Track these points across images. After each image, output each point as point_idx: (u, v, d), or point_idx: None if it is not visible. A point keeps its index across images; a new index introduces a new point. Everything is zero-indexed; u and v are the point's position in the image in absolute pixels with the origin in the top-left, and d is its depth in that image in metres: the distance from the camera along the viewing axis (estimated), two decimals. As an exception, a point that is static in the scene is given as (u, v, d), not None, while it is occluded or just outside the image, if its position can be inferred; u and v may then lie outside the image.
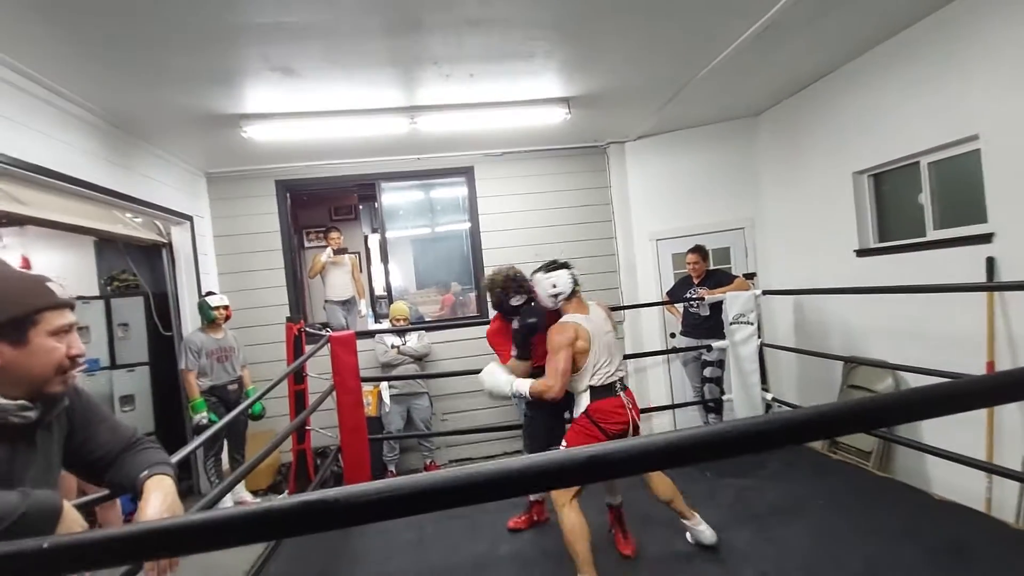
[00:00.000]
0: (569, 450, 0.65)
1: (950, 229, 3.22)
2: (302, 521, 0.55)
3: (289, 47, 2.75)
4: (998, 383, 0.94)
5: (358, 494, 0.54)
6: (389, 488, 0.55)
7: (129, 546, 0.56)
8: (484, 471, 0.58)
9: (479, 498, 0.61)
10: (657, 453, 0.68)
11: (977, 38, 2.85)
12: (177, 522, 0.56)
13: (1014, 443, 2.79)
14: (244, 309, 4.72)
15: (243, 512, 0.55)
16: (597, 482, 0.66)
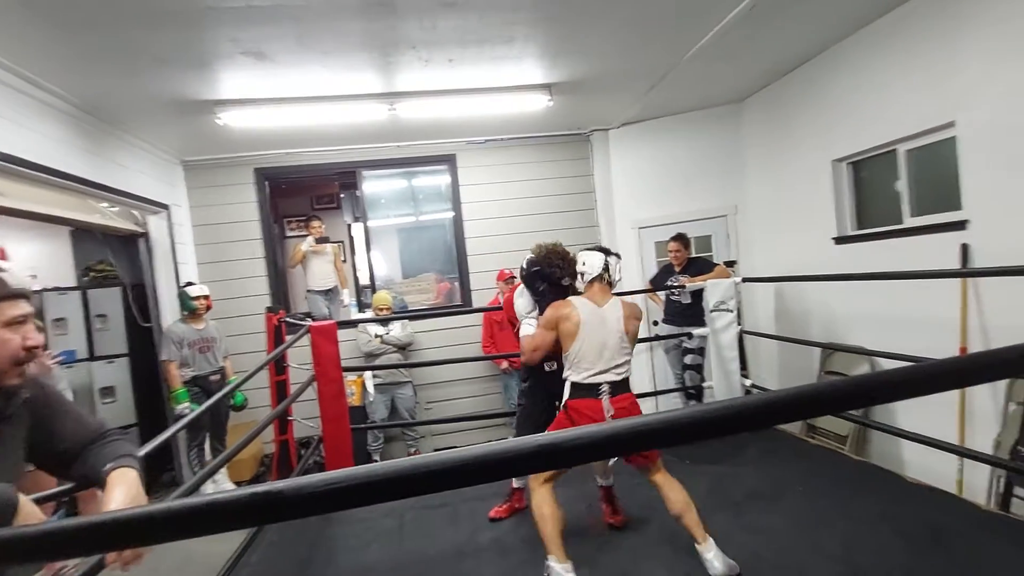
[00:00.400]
0: (519, 439, 0.64)
1: (926, 216, 3.26)
2: (248, 513, 0.54)
3: (260, 30, 2.68)
4: (961, 366, 0.96)
5: (305, 485, 0.53)
6: (336, 479, 0.54)
7: (66, 540, 0.54)
8: (433, 460, 0.57)
9: (430, 488, 0.60)
10: (611, 440, 0.67)
11: (959, 25, 2.86)
12: (118, 515, 0.55)
13: (985, 426, 2.86)
14: (224, 299, 4.66)
15: (187, 504, 0.54)
16: (552, 470, 0.65)
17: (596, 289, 2.35)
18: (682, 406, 4.20)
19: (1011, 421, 2.70)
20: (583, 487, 2.83)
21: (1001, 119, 2.71)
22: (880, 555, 2.13)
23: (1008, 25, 2.65)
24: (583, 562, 2.23)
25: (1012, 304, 2.72)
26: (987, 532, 2.20)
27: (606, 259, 2.35)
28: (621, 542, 2.47)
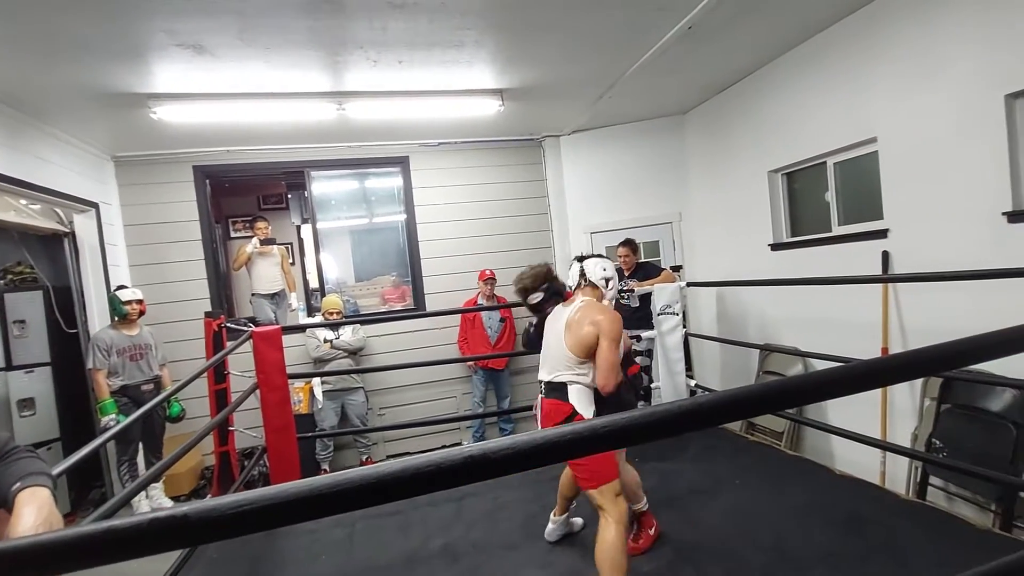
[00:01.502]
0: (445, 451, 0.64)
1: (852, 225, 3.49)
2: (149, 541, 0.51)
3: (198, 22, 2.57)
4: (883, 366, 1.04)
5: (213, 508, 0.51)
6: (246, 500, 0.53)
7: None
8: (353, 477, 0.57)
9: (352, 505, 0.59)
10: (559, 446, 0.69)
11: (877, 47, 3.08)
12: (4, 545, 0.51)
13: (904, 421, 3.08)
14: (160, 303, 4.43)
15: (79, 533, 0.51)
16: (481, 480, 0.65)
17: (577, 293, 2.35)
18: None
19: (926, 416, 2.92)
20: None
21: (912, 136, 2.94)
22: (807, 543, 2.26)
23: (911, 55, 2.89)
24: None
25: (926, 307, 2.95)
26: (904, 519, 2.37)
27: (580, 265, 2.36)
28: (574, 541, 2.51)
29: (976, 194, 2.65)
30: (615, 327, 2.10)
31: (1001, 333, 0.93)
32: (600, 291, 2.34)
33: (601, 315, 2.13)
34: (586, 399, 2.17)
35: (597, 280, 2.33)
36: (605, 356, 2.07)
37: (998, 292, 2.49)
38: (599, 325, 2.09)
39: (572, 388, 2.16)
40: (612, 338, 2.08)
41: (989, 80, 2.55)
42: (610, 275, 2.37)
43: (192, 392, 4.05)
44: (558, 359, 2.19)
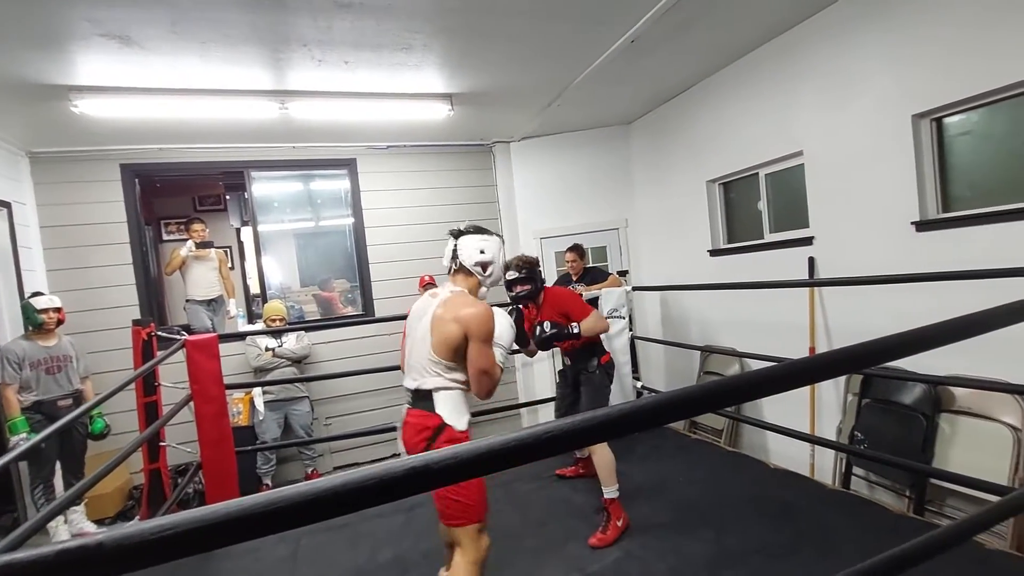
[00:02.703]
0: (386, 464, 0.63)
1: (782, 232, 3.71)
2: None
3: (125, 12, 2.41)
4: (812, 365, 1.11)
5: (130, 536, 0.48)
6: (172, 524, 0.50)
7: None
8: (289, 494, 0.55)
9: (288, 524, 0.58)
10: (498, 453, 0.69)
11: (802, 66, 3.30)
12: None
13: (830, 416, 3.30)
14: (83, 311, 4.12)
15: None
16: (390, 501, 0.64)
17: (447, 281, 1.96)
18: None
19: (849, 410, 3.14)
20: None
21: (833, 151, 3.17)
22: (745, 534, 2.37)
23: (831, 76, 3.13)
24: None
25: (847, 309, 3.18)
26: (830, 507, 2.54)
27: (454, 243, 1.92)
28: (522, 542, 2.52)
29: (888, 205, 2.88)
30: (485, 324, 1.75)
31: (913, 333, 1.02)
32: (476, 279, 1.91)
33: (468, 309, 1.75)
34: (458, 406, 1.83)
35: (471, 265, 1.88)
36: (474, 360, 1.75)
37: (909, 294, 2.72)
38: (464, 322, 1.74)
39: (440, 396, 1.81)
40: (482, 338, 1.75)
41: (898, 101, 2.78)
42: (489, 258, 1.89)
43: (119, 406, 3.79)
44: (422, 362, 1.82)
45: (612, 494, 2.54)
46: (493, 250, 1.91)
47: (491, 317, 1.77)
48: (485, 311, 1.76)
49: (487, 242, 1.90)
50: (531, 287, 2.78)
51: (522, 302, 2.84)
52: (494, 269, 1.92)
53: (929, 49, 2.62)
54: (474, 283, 1.91)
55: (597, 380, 2.87)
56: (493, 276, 1.93)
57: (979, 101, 2.54)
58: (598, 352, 2.89)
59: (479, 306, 1.77)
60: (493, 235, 1.94)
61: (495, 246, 1.92)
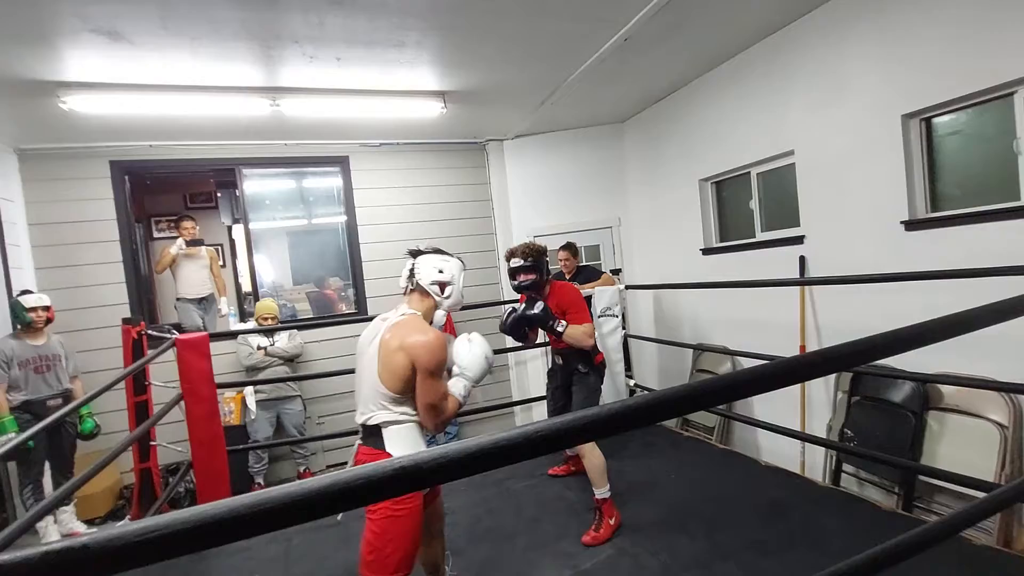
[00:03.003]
0: (375, 464, 0.63)
1: (774, 231, 3.73)
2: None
3: (114, 7, 2.39)
4: (804, 363, 1.12)
5: (116, 537, 0.48)
6: (158, 526, 0.50)
7: None
8: (277, 495, 0.55)
9: (276, 525, 0.57)
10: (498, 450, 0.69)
11: (793, 66, 3.32)
12: None
13: (820, 414, 3.33)
14: (73, 310, 4.08)
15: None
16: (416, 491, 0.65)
17: (402, 302, 1.85)
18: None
19: (839, 408, 3.16)
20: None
21: (824, 150, 3.19)
22: (736, 531, 2.39)
23: (822, 76, 3.14)
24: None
25: (837, 307, 3.21)
26: (821, 504, 2.56)
27: (411, 261, 1.84)
28: (516, 540, 2.52)
29: (878, 204, 2.90)
30: (434, 355, 1.60)
31: (901, 331, 1.03)
32: (432, 299, 1.81)
33: (416, 337, 1.62)
34: (410, 442, 1.69)
35: (428, 284, 1.79)
36: (420, 394, 1.64)
37: (898, 293, 2.74)
38: (412, 352, 1.61)
39: (389, 431, 1.69)
40: (430, 370, 1.61)
41: (888, 101, 2.80)
42: (448, 278, 1.80)
43: (110, 405, 3.76)
44: (369, 393, 1.70)
45: (604, 494, 2.54)
46: (452, 271, 1.83)
47: (441, 347, 1.63)
48: (434, 340, 1.62)
49: (447, 262, 1.83)
50: (535, 277, 2.66)
51: (524, 292, 2.73)
52: (452, 291, 1.82)
53: (918, 50, 2.64)
54: (430, 305, 1.81)
55: (591, 382, 2.83)
56: (452, 298, 1.83)
57: (967, 101, 2.56)
58: (592, 352, 2.84)
59: (429, 334, 1.64)
60: (454, 257, 1.88)
61: (455, 268, 1.84)
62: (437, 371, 1.64)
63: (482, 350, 1.84)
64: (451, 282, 1.82)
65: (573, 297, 2.77)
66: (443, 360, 1.65)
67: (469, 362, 1.80)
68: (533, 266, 2.66)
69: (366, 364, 1.73)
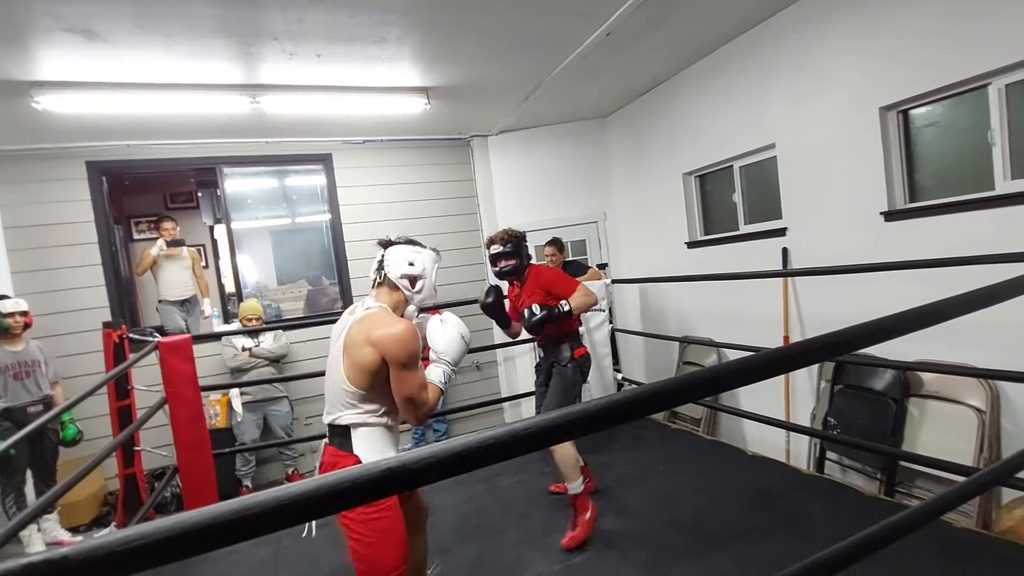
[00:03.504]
0: (361, 465, 0.63)
1: (757, 224, 3.77)
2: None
3: (88, 6, 2.34)
4: (789, 353, 1.14)
5: (97, 548, 0.47)
6: (140, 535, 0.49)
7: None
8: (263, 500, 0.55)
9: (263, 530, 0.57)
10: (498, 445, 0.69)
11: (773, 60, 3.35)
12: None
13: (804, 403, 3.38)
14: (51, 314, 4.00)
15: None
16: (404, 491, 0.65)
17: (370, 295, 1.76)
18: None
19: (822, 396, 3.22)
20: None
21: (804, 143, 3.23)
22: (723, 520, 2.42)
23: (802, 69, 3.18)
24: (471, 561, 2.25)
25: (819, 297, 3.26)
26: (805, 491, 2.60)
27: (381, 254, 1.76)
28: (505, 535, 2.53)
29: (858, 196, 2.95)
30: (405, 346, 1.53)
31: (881, 321, 1.05)
32: (402, 294, 1.72)
33: (384, 330, 1.55)
34: (379, 446, 1.63)
35: (397, 277, 1.70)
36: (397, 389, 1.58)
37: (878, 282, 2.79)
38: (381, 345, 1.53)
39: (358, 433, 1.63)
40: (402, 362, 1.54)
41: (866, 94, 2.85)
42: (419, 271, 1.71)
43: (92, 411, 3.69)
44: (336, 391, 1.63)
45: (576, 489, 2.46)
46: (424, 263, 1.73)
47: (413, 337, 1.56)
48: (404, 331, 1.55)
49: (419, 254, 1.73)
50: (515, 262, 2.66)
51: (506, 278, 2.73)
52: (424, 285, 1.73)
53: (895, 43, 2.68)
54: (399, 299, 1.71)
55: (568, 375, 2.73)
56: (423, 293, 1.74)
57: (943, 94, 2.61)
58: (572, 344, 2.75)
59: (398, 325, 1.56)
60: (427, 249, 1.78)
61: (428, 260, 1.74)
62: (411, 363, 1.56)
63: (457, 330, 1.74)
64: (422, 276, 1.72)
65: (556, 273, 2.76)
66: (416, 351, 1.57)
67: (445, 345, 1.71)
68: (513, 251, 2.66)
69: (332, 361, 1.68)
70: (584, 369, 2.78)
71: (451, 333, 1.72)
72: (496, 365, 5.29)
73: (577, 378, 2.75)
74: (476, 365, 5.19)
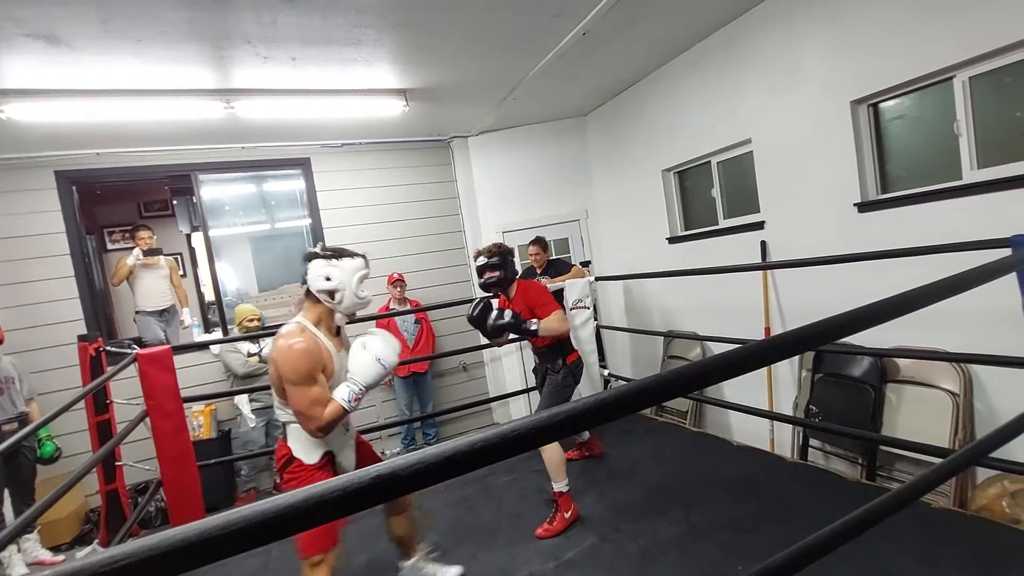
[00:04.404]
0: (351, 474, 0.63)
1: (735, 218, 3.83)
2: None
3: (50, 9, 2.27)
4: (772, 345, 1.16)
5: (79, 571, 0.46)
6: (124, 555, 0.48)
7: None
8: (248, 513, 0.54)
9: (251, 544, 0.57)
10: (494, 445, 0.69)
11: (747, 55, 3.40)
12: None
13: (787, 392, 3.44)
14: (23, 329, 3.89)
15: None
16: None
17: (303, 306, 1.88)
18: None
19: (804, 385, 3.28)
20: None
21: (779, 138, 3.29)
22: (711, 511, 2.46)
23: (775, 64, 3.23)
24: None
25: (797, 289, 3.32)
26: (790, 479, 2.66)
27: (305, 267, 1.85)
28: (498, 535, 2.53)
29: (832, 188, 3.01)
30: (291, 364, 1.66)
31: (859, 311, 1.08)
32: (323, 307, 1.82)
33: (278, 348, 1.70)
34: (308, 441, 1.81)
35: (316, 291, 1.80)
36: (289, 401, 1.72)
37: (854, 272, 2.85)
38: (275, 361, 1.70)
39: (291, 429, 1.84)
40: (290, 379, 1.67)
41: (837, 88, 2.91)
42: (335, 285, 1.79)
43: (70, 427, 3.61)
44: (275, 393, 1.83)
45: (562, 488, 2.55)
46: (341, 276, 1.79)
47: (300, 355, 1.66)
48: (292, 349, 1.67)
49: (334, 268, 1.79)
50: (499, 274, 2.74)
51: (490, 290, 2.81)
52: (343, 296, 1.80)
53: (864, 37, 2.74)
54: (322, 311, 1.82)
55: (559, 380, 2.83)
56: (345, 303, 1.81)
57: (910, 87, 2.68)
58: (565, 351, 2.86)
59: (290, 344, 1.68)
60: (349, 258, 1.82)
61: (345, 272, 1.80)
62: (299, 379, 1.67)
63: (372, 355, 1.79)
64: (339, 288, 1.80)
65: (539, 292, 2.82)
66: (305, 368, 1.67)
67: (357, 367, 1.78)
68: (498, 264, 2.74)
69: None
70: (576, 374, 2.87)
71: (366, 357, 1.79)
72: (483, 366, 5.29)
73: (569, 383, 2.84)
74: (463, 366, 5.19)
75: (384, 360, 1.80)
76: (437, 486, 2.95)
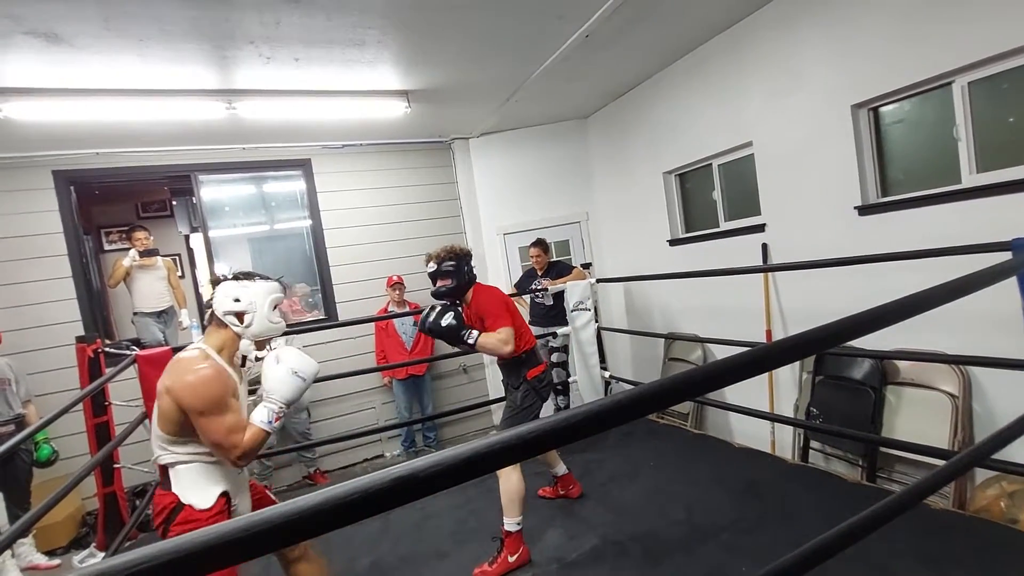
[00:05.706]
0: (371, 476, 0.63)
1: (736, 221, 3.84)
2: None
3: (51, 7, 2.26)
4: (776, 348, 1.16)
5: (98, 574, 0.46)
6: (145, 558, 0.48)
7: None
8: (270, 516, 0.54)
9: (270, 548, 0.56)
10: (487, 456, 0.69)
11: (749, 59, 3.41)
12: None
13: (788, 394, 3.45)
14: (20, 330, 3.87)
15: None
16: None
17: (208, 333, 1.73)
18: (551, 402, 4.44)
19: (804, 387, 3.29)
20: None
21: (780, 141, 3.30)
22: (714, 512, 2.46)
23: (776, 68, 3.24)
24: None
25: (798, 291, 3.33)
26: (792, 481, 2.66)
27: (212, 291, 1.73)
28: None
29: (833, 191, 3.03)
30: (198, 394, 1.51)
31: (865, 314, 1.08)
32: (231, 331, 1.68)
33: (177, 378, 1.53)
34: (200, 480, 1.60)
35: (222, 314, 1.67)
36: (203, 436, 1.54)
37: (854, 275, 2.87)
38: (175, 394, 1.52)
39: (176, 471, 1.60)
40: (199, 410, 1.51)
41: (838, 92, 2.92)
42: (244, 307, 1.67)
43: (68, 429, 3.58)
44: (153, 434, 1.61)
45: (512, 527, 2.23)
46: (251, 298, 1.68)
47: (207, 382, 1.52)
48: (197, 378, 1.52)
49: (245, 289, 1.68)
50: (452, 282, 2.38)
51: (443, 299, 2.44)
52: (253, 319, 1.68)
53: (864, 42, 2.76)
54: (227, 336, 1.68)
55: (518, 398, 2.51)
56: (254, 327, 1.68)
57: (910, 91, 2.69)
58: (528, 363, 2.51)
59: (193, 372, 1.53)
60: (261, 281, 1.72)
61: (257, 293, 1.69)
62: (210, 408, 1.52)
63: (288, 367, 1.66)
64: (248, 310, 1.67)
65: (493, 302, 2.46)
66: (214, 396, 1.52)
67: (273, 384, 1.64)
68: (451, 271, 2.39)
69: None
70: (541, 390, 2.54)
71: (280, 372, 1.65)
72: (483, 368, 5.28)
73: (530, 401, 2.50)
74: (463, 368, 5.18)
75: (301, 372, 1.67)
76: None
